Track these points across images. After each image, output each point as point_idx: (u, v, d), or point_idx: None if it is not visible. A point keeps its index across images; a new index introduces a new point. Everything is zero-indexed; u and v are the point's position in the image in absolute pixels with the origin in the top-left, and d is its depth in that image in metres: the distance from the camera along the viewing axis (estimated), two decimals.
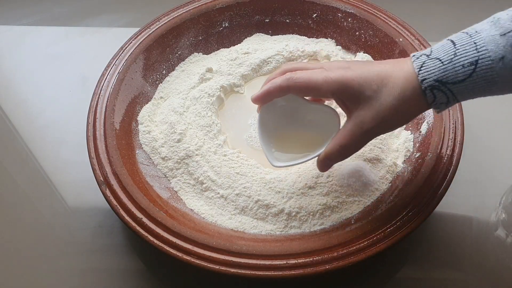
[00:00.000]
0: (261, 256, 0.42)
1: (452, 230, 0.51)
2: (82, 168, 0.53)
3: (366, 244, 0.42)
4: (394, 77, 0.38)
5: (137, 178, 0.49)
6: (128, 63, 0.57)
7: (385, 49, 0.59)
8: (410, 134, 0.53)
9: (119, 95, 0.54)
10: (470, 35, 0.35)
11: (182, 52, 0.63)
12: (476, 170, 0.55)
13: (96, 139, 0.50)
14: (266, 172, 0.51)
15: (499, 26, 0.33)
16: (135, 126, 0.55)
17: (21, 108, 0.65)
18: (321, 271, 0.41)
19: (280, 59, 0.62)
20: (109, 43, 0.64)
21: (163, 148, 0.53)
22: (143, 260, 0.50)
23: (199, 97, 0.57)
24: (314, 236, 0.45)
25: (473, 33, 0.35)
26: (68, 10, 0.78)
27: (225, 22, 0.64)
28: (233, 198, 0.49)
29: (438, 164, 0.47)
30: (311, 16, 0.64)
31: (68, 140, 0.61)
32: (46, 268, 0.50)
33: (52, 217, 0.55)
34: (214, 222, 0.48)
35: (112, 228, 0.52)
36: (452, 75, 0.35)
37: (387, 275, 0.49)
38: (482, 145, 0.57)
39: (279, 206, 0.48)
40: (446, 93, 0.36)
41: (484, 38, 0.34)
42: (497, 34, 0.33)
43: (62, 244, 0.52)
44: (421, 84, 0.36)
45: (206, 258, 0.42)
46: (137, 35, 0.60)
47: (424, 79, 0.36)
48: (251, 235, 0.47)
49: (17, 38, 0.74)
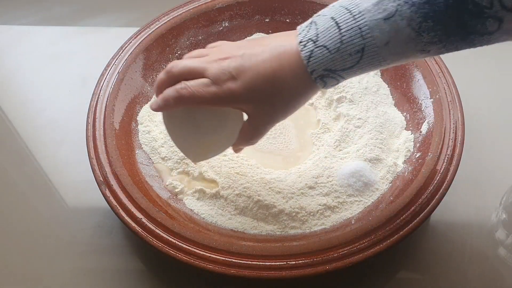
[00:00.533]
0: (261, 257, 0.42)
1: (452, 230, 0.51)
2: (81, 168, 0.53)
3: (366, 245, 0.42)
4: (284, 79, 0.37)
5: (137, 178, 0.49)
6: (128, 63, 0.57)
7: None
8: (410, 134, 0.53)
9: (119, 95, 0.54)
10: (353, 15, 0.34)
11: (182, 52, 0.62)
12: (476, 170, 0.55)
13: (96, 139, 0.50)
14: (266, 172, 0.51)
15: (383, 8, 0.33)
16: (134, 126, 0.55)
17: (21, 108, 0.65)
18: (321, 271, 0.41)
19: None
20: (108, 43, 0.64)
21: (163, 148, 0.53)
22: (142, 260, 0.50)
23: None
24: (314, 236, 0.45)
25: (356, 14, 0.34)
26: (68, 10, 0.78)
27: (225, 22, 0.64)
28: (233, 198, 0.49)
29: (439, 164, 0.47)
30: (311, 15, 0.64)
31: (68, 140, 0.60)
32: (46, 268, 0.50)
33: (51, 217, 0.55)
34: (214, 222, 0.48)
35: (112, 228, 0.52)
36: (340, 64, 0.35)
37: (387, 275, 0.48)
38: (483, 145, 0.57)
39: (279, 206, 0.47)
40: (335, 77, 0.36)
41: (368, 23, 0.33)
42: (381, 18, 0.33)
43: (62, 244, 0.52)
44: (311, 75, 0.36)
45: (206, 258, 0.42)
46: (136, 34, 0.60)
47: (313, 70, 0.36)
48: (251, 236, 0.46)
49: (16, 38, 0.74)
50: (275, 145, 0.55)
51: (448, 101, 0.51)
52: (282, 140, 0.55)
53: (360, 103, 0.56)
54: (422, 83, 0.54)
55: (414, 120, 0.54)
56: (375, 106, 0.55)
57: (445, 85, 0.53)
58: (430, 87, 0.53)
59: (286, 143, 0.55)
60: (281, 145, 0.55)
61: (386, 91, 0.58)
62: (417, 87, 0.54)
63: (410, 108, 0.55)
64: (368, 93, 0.57)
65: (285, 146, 0.55)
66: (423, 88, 0.54)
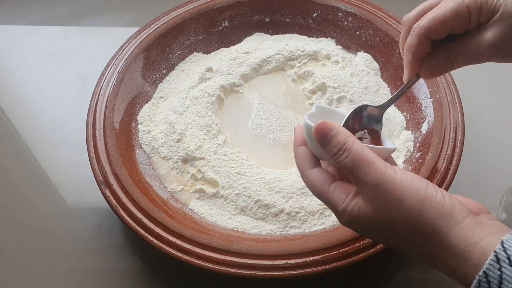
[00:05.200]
0: (261, 256, 0.42)
1: None
2: (81, 168, 0.53)
3: (366, 244, 0.42)
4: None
5: (137, 178, 0.49)
6: (128, 63, 0.57)
7: (386, 48, 0.59)
8: (410, 134, 0.53)
9: (119, 94, 0.54)
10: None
11: (182, 51, 0.63)
12: (476, 170, 0.55)
13: (96, 139, 0.50)
14: (266, 172, 0.51)
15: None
16: (134, 125, 0.55)
17: (21, 108, 0.65)
18: (321, 271, 0.41)
19: (280, 58, 0.62)
20: (108, 43, 0.64)
21: (163, 148, 0.53)
22: (142, 260, 0.50)
23: (199, 96, 0.57)
24: (314, 236, 0.45)
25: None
26: (67, 10, 0.78)
27: (225, 22, 0.64)
28: (233, 198, 0.49)
29: (439, 164, 0.47)
30: (311, 15, 0.64)
31: (68, 140, 0.60)
32: (46, 268, 0.50)
33: (51, 217, 0.55)
34: (214, 222, 0.48)
35: (112, 228, 0.52)
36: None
37: (387, 275, 0.48)
38: (483, 145, 0.57)
39: (279, 206, 0.47)
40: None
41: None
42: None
43: (62, 244, 0.52)
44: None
45: (206, 258, 0.42)
46: (136, 34, 0.60)
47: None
48: (251, 235, 0.46)
49: (16, 37, 0.74)
50: (278, 135, 0.55)
51: (448, 101, 0.51)
52: (285, 132, 0.56)
53: (360, 103, 0.56)
54: (422, 83, 0.54)
55: (414, 120, 0.54)
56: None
57: (445, 85, 0.53)
58: (430, 86, 0.53)
59: (288, 137, 0.55)
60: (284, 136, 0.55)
61: (386, 91, 0.58)
62: (417, 86, 0.54)
63: (410, 108, 0.55)
64: (368, 93, 0.57)
65: (287, 138, 0.55)
66: (423, 87, 0.54)
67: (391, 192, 0.31)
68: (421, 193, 0.31)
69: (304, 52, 0.62)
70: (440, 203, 0.30)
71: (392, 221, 0.32)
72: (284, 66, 0.62)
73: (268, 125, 0.56)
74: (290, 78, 0.61)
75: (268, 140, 0.55)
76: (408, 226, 0.31)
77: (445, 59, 0.39)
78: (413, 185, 0.31)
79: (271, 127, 0.56)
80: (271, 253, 0.42)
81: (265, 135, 0.55)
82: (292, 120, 0.57)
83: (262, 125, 0.56)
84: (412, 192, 0.31)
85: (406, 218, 0.31)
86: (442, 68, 0.39)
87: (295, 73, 0.61)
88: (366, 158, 0.32)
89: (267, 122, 0.56)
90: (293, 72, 0.61)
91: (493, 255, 0.28)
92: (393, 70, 0.58)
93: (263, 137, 0.55)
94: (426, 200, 0.30)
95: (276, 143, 0.54)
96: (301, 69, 0.61)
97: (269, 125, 0.56)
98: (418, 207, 0.30)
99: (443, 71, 0.40)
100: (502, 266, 0.27)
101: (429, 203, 0.30)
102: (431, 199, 0.31)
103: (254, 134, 0.55)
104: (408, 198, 0.31)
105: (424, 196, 0.31)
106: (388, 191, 0.31)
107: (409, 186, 0.31)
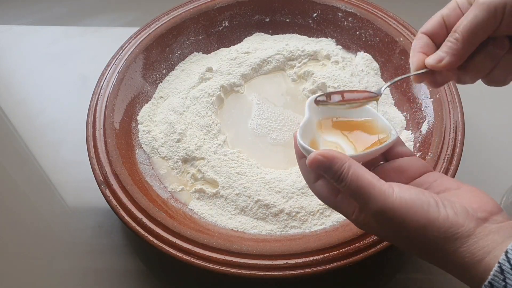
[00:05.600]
0: (261, 256, 0.42)
1: None
2: (81, 168, 0.53)
3: (366, 244, 0.42)
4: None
5: (137, 178, 0.49)
6: (128, 63, 0.57)
7: (386, 48, 0.59)
8: (410, 133, 0.53)
9: (119, 94, 0.54)
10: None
11: (182, 51, 0.63)
12: (476, 170, 0.55)
13: (96, 139, 0.50)
14: (266, 172, 0.51)
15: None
16: (134, 125, 0.55)
17: (20, 108, 0.65)
18: (321, 271, 0.41)
19: (280, 58, 0.62)
20: (108, 43, 0.64)
21: (163, 148, 0.53)
22: (143, 260, 0.50)
23: (199, 96, 0.57)
24: (314, 236, 0.45)
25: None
26: (67, 10, 0.78)
27: (225, 22, 0.64)
28: (233, 198, 0.49)
29: (439, 164, 0.47)
30: (311, 15, 0.64)
31: (68, 140, 0.60)
32: (46, 268, 0.50)
33: (51, 217, 0.55)
34: (214, 222, 0.48)
35: (112, 228, 0.52)
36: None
37: (387, 275, 0.48)
38: (483, 145, 0.57)
39: (279, 206, 0.47)
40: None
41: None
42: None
43: (62, 244, 0.52)
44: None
45: (206, 258, 0.42)
46: (136, 34, 0.60)
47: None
48: (251, 235, 0.46)
49: (16, 37, 0.74)
50: (278, 135, 0.55)
51: (448, 101, 0.51)
52: (285, 132, 0.56)
53: None
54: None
55: (414, 120, 0.54)
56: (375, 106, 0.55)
57: (445, 85, 0.53)
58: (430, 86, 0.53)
59: (288, 136, 0.55)
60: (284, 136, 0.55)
61: (386, 90, 0.58)
62: (417, 86, 0.54)
63: (410, 108, 0.55)
64: None
65: (287, 138, 0.55)
66: (423, 87, 0.54)
67: (392, 218, 0.31)
68: (423, 217, 0.30)
69: (304, 52, 0.62)
70: (443, 225, 0.30)
71: (398, 238, 0.33)
72: (284, 66, 0.62)
73: (268, 125, 0.56)
74: (290, 78, 0.61)
75: (268, 140, 0.55)
76: (415, 242, 0.32)
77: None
78: (415, 209, 0.31)
79: (271, 127, 0.56)
80: (271, 253, 0.42)
81: (265, 135, 0.55)
82: (292, 120, 0.57)
83: (262, 125, 0.56)
84: (413, 219, 0.31)
85: (412, 238, 0.31)
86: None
87: (295, 73, 0.61)
88: (362, 186, 0.32)
89: (267, 122, 0.56)
90: (293, 72, 0.61)
91: (497, 266, 0.28)
92: (393, 70, 0.58)
93: (263, 137, 0.55)
94: (428, 225, 0.30)
95: (276, 143, 0.54)
96: (301, 69, 0.61)
97: (269, 125, 0.56)
98: (422, 231, 0.30)
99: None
100: (507, 277, 0.28)
101: (431, 227, 0.30)
102: (434, 222, 0.30)
103: (254, 134, 0.55)
104: (411, 222, 0.31)
105: (427, 220, 0.30)
106: (390, 218, 0.31)
107: (411, 210, 0.31)
